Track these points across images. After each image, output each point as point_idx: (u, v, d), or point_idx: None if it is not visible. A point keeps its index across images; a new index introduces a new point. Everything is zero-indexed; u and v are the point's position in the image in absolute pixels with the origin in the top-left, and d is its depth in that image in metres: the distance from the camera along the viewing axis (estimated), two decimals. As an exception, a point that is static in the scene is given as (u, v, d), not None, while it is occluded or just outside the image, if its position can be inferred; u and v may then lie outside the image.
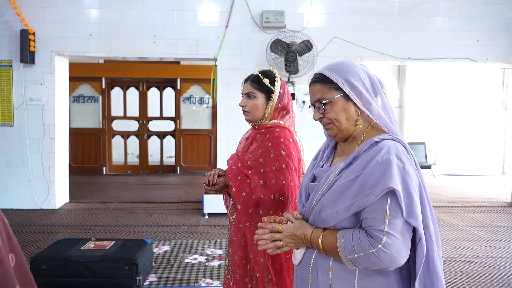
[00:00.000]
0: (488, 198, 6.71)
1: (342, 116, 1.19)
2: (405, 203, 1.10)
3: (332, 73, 1.20)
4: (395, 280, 1.18)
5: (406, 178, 1.11)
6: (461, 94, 9.16)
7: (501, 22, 5.81)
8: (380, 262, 1.08)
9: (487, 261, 3.82)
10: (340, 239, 1.13)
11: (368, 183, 1.10)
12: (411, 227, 1.12)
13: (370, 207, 1.10)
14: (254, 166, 1.66)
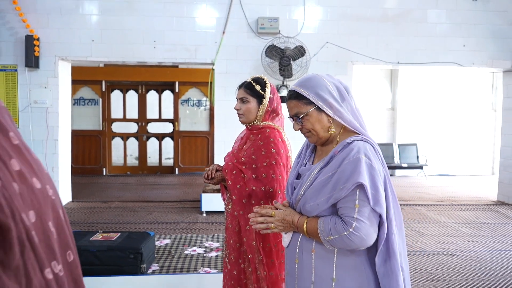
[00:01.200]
0: (476, 197, 6.96)
1: (317, 125, 1.40)
2: (372, 194, 1.32)
3: (303, 90, 1.41)
4: (366, 259, 1.40)
5: (373, 173, 1.34)
6: (452, 97, 9.43)
7: (487, 28, 6.08)
8: (351, 243, 1.31)
9: (468, 255, 4.06)
10: (320, 224, 1.36)
11: (342, 179, 1.33)
12: (378, 214, 1.35)
13: (343, 199, 1.33)
14: (248, 162, 1.89)
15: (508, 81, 6.47)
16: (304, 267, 1.41)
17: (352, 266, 1.37)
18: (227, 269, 1.93)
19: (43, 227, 0.77)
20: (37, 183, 0.75)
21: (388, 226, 1.36)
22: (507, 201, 6.42)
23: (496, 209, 6.04)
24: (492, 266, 3.77)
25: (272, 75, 5.64)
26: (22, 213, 0.70)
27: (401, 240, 1.44)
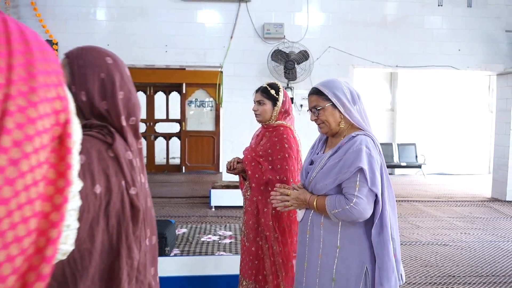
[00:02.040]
0: (471, 194, 7.28)
1: (330, 118, 1.72)
2: (370, 177, 1.65)
3: (324, 88, 1.74)
4: (364, 231, 1.72)
5: (371, 161, 1.66)
6: (450, 98, 9.76)
7: (481, 34, 6.41)
8: (352, 215, 1.63)
9: (460, 245, 4.39)
10: (327, 200, 1.68)
11: (346, 165, 1.66)
12: (374, 193, 1.67)
13: (347, 180, 1.66)
14: (264, 155, 2.22)
15: (501, 83, 6.80)
16: (314, 237, 1.74)
17: (353, 236, 1.70)
18: (246, 246, 2.26)
19: (149, 210, 1.13)
20: (143, 178, 1.10)
21: (382, 203, 1.68)
22: (500, 198, 6.74)
23: (489, 205, 6.37)
24: (481, 254, 4.10)
25: (277, 78, 5.98)
26: (143, 199, 1.06)
27: (393, 215, 1.76)
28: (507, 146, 6.61)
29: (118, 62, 1.11)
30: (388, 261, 1.65)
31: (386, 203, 1.70)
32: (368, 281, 1.68)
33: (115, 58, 1.11)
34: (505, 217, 5.65)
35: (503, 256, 4.07)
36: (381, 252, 1.66)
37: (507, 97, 6.62)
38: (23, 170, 0.49)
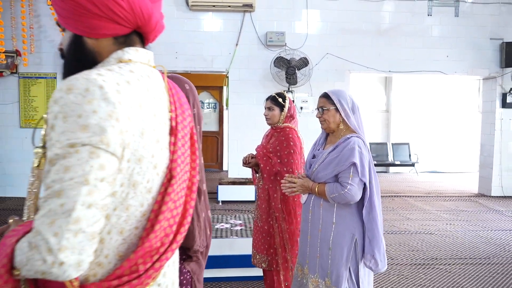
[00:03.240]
0: (460, 190, 7.79)
1: (331, 119, 2.21)
2: (360, 170, 2.13)
3: (332, 95, 2.23)
4: (356, 211, 2.21)
5: (362, 157, 2.15)
6: (442, 101, 10.28)
7: (467, 41, 6.91)
8: (345, 198, 2.11)
9: (444, 234, 4.90)
10: (327, 186, 2.17)
11: (342, 159, 2.14)
12: (363, 182, 2.16)
13: (343, 171, 2.15)
14: (274, 151, 2.70)
15: (487, 87, 7.31)
16: (315, 216, 2.24)
17: (345, 215, 2.19)
18: (259, 226, 2.75)
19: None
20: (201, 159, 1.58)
21: (370, 189, 2.17)
22: (486, 193, 7.25)
23: (475, 200, 6.88)
24: (462, 241, 4.61)
25: (279, 82, 6.47)
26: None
27: (378, 200, 2.25)
28: (492, 145, 7.12)
29: (192, 88, 1.59)
30: (377, 233, 2.14)
31: (373, 190, 2.19)
32: (358, 248, 2.18)
33: (190, 85, 1.59)
34: (489, 210, 6.15)
35: (481, 242, 4.58)
36: (371, 227, 2.15)
37: (492, 99, 7.13)
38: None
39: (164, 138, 0.94)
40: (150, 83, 0.95)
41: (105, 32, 0.93)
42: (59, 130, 0.77)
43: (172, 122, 0.98)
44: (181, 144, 0.98)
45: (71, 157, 0.76)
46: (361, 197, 2.16)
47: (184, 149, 0.99)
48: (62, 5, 0.91)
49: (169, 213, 0.92)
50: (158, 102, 0.95)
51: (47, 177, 0.77)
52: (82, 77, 0.81)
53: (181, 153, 0.97)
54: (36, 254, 0.75)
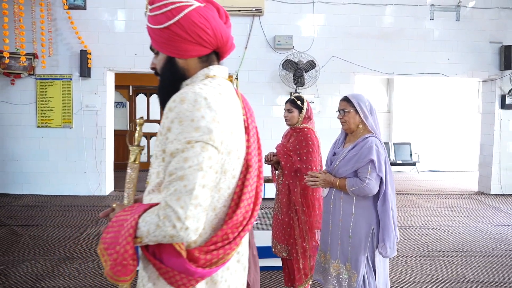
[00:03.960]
0: (460, 188, 8.06)
1: (351, 120, 2.46)
2: (377, 166, 2.38)
3: (352, 98, 2.48)
4: (372, 203, 2.46)
5: (379, 155, 2.40)
6: (442, 101, 10.54)
7: (468, 44, 7.17)
8: (364, 191, 2.36)
9: (446, 228, 5.15)
10: (347, 181, 2.41)
11: (361, 157, 2.39)
12: (380, 177, 2.40)
13: (362, 168, 2.39)
14: (294, 150, 2.95)
15: (486, 89, 7.57)
16: (336, 207, 2.49)
17: (364, 206, 2.44)
18: (279, 218, 3.00)
19: None
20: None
21: (385, 184, 2.42)
22: (485, 191, 7.51)
23: (475, 198, 7.14)
24: (463, 236, 4.87)
25: (287, 84, 6.72)
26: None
27: (392, 193, 2.50)
28: (491, 145, 7.38)
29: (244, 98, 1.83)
30: (388, 224, 2.40)
31: (388, 184, 2.44)
32: (374, 237, 2.43)
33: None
34: (488, 207, 6.41)
35: (481, 237, 4.84)
36: (383, 217, 2.41)
37: (491, 101, 7.39)
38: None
39: (243, 135, 1.20)
40: (231, 92, 1.21)
41: (192, 54, 1.19)
42: (177, 131, 1.02)
43: (245, 123, 1.23)
44: (252, 140, 1.23)
45: (188, 151, 1.01)
46: (378, 190, 2.42)
47: (254, 145, 1.24)
48: (160, 33, 1.16)
49: (247, 195, 1.17)
50: (237, 107, 1.20)
51: (169, 166, 1.03)
52: (190, 91, 1.06)
53: (253, 148, 1.23)
54: (167, 222, 1.00)
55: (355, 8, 6.94)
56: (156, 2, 1.18)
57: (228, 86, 1.22)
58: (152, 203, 1.11)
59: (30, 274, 3.53)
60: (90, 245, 4.31)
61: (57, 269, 3.65)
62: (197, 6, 1.16)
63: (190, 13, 1.14)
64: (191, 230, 1.01)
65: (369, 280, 2.46)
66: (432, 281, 3.54)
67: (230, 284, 1.21)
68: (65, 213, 5.69)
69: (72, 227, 4.97)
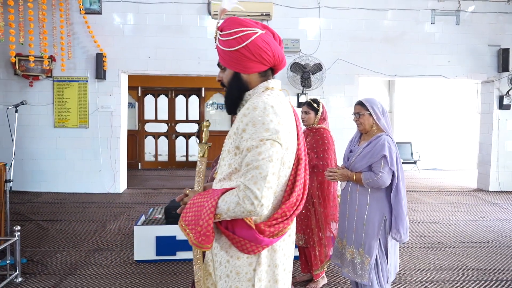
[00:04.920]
0: (460, 186, 8.36)
1: (366, 121, 2.75)
2: (389, 160, 2.68)
3: (366, 102, 2.77)
4: (385, 194, 2.75)
5: (391, 151, 2.70)
6: (442, 102, 10.84)
7: (467, 48, 7.48)
8: (378, 183, 2.65)
9: (448, 223, 5.46)
10: (363, 174, 2.71)
11: (375, 153, 2.69)
12: (392, 171, 2.70)
13: (375, 163, 2.69)
14: (311, 148, 3.24)
15: (485, 90, 7.88)
16: (353, 199, 2.79)
17: (377, 197, 2.74)
18: (298, 211, 3.31)
19: None
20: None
21: (397, 178, 2.72)
22: (484, 188, 7.82)
23: (474, 194, 7.45)
24: (464, 229, 5.17)
25: (294, 86, 7.02)
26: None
27: (403, 186, 2.79)
28: (490, 144, 7.69)
29: None
30: (402, 213, 2.69)
31: (399, 178, 2.74)
32: (386, 225, 2.72)
33: None
34: (487, 203, 6.72)
35: (481, 230, 5.15)
36: (397, 207, 2.70)
37: (490, 101, 7.70)
38: None
39: (295, 135, 1.49)
40: (286, 101, 1.50)
41: (254, 70, 1.48)
42: (251, 132, 1.32)
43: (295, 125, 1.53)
44: (301, 139, 1.53)
45: (261, 147, 1.31)
46: (390, 183, 2.72)
47: (302, 142, 1.54)
48: (231, 54, 1.46)
49: (299, 182, 1.46)
50: (290, 112, 1.50)
51: (246, 158, 1.32)
52: (260, 101, 1.36)
53: (302, 145, 1.52)
54: (246, 200, 1.29)
55: (359, 12, 7.24)
56: (226, 29, 1.47)
57: (283, 96, 1.52)
58: (225, 188, 1.40)
59: (65, 263, 3.82)
60: (115, 238, 4.60)
61: (89, 259, 3.94)
62: (260, 33, 1.46)
63: (256, 39, 1.44)
64: (265, 206, 1.31)
65: (382, 263, 2.75)
66: (436, 268, 3.84)
67: (285, 253, 1.51)
68: (85, 209, 5.97)
69: (95, 222, 5.26)
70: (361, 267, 2.75)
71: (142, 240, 3.83)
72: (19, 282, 3.37)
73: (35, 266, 3.73)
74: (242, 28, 1.45)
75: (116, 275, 3.59)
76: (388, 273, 2.78)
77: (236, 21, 1.48)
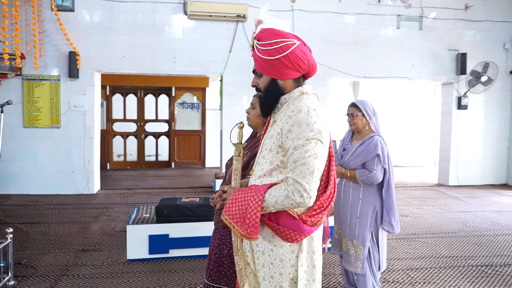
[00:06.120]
0: (422, 181, 8.89)
1: (359, 122, 2.97)
2: (382, 159, 2.91)
3: (359, 104, 2.98)
4: (377, 190, 2.97)
5: (383, 150, 2.93)
6: (402, 102, 11.42)
7: (429, 52, 7.97)
8: (371, 180, 2.87)
9: (416, 215, 5.84)
10: (357, 172, 2.92)
11: (369, 152, 2.91)
12: (383, 168, 2.93)
13: (369, 161, 2.91)
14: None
15: (445, 91, 8.43)
16: (346, 194, 3.00)
17: (369, 192, 2.96)
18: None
19: None
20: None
21: (388, 174, 2.95)
22: (445, 183, 8.37)
23: (436, 189, 7.96)
24: (433, 221, 5.56)
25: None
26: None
27: (393, 182, 3.04)
28: (449, 142, 8.25)
29: None
30: (393, 206, 2.94)
31: (390, 174, 2.98)
32: (378, 218, 2.96)
33: None
34: (449, 197, 7.22)
35: (447, 221, 5.56)
36: (388, 201, 2.94)
37: (449, 102, 8.25)
38: None
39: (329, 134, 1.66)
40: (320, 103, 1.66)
41: (290, 77, 1.63)
42: (297, 132, 1.47)
43: None
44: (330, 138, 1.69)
45: (308, 145, 1.46)
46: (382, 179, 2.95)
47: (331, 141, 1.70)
48: (270, 62, 1.60)
49: (332, 176, 1.63)
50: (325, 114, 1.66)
51: (293, 156, 1.47)
52: (304, 104, 1.51)
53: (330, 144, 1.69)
54: (296, 193, 1.44)
55: (331, 17, 7.53)
56: (265, 39, 1.61)
57: (317, 99, 1.68)
58: (269, 183, 1.54)
59: (56, 265, 3.79)
60: (101, 238, 4.59)
61: (79, 260, 3.93)
62: (298, 44, 1.60)
63: (294, 49, 1.59)
64: (312, 198, 1.47)
65: (374, 253, 2.99)
66: (413, 257, 4.15)
67: (319, 241, 1.67)
68: (61, 211, 5.86)
69: (75, 223, 5.19)
70: (356, 258, 2.96)
71: (135, 239, 3.86)
72: (12, 285, 3.32)
73: (25, 269, 3.67)
74: (282, 39, 1.60)
75: (110, 274, 3.62)
76: (380, 262, 3.02)
77: (274, 32, 1.63)
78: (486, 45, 8.13)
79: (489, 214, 5.98)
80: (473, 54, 7.99)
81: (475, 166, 8.33)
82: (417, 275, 3.71)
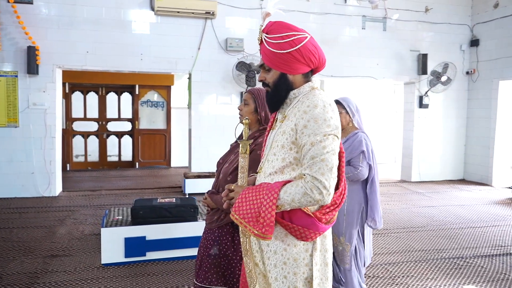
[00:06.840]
0: (385, 178, 9.16)
1: (343, 119, 2.98)
2: (367, 156, 2.94)
3: (342, 101, 2.99)
4: (362, 186, 3.00)
5: (367, 147, 2.96)
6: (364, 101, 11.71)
7: (392, 52, 8.22)
8: (357, 176, 2.90)
9: (385, 211, 6.00)
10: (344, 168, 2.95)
11: (354, 149, 2.93)
12: (368, 164, 2.97)
13: (354, 158, 2.93)
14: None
15: (407, 90, 8.73)
16: (332, 191, 3.01)
17: (355, 189, 2.99)
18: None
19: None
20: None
21: (373, 171, 3.00)
22: (407, 180, 8.67)
23: (400, 185, 8.23)
24: (401, 216, 5.74)
25: (239, 84, 7.15)
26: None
27: (377, 179, 3.08)
28: (411, 139, 8.55)
29: None
30: (376, 203, 2.98)
31: (376, 171, 3.02)
32: (363, 214, 2.99)
33: None
34: (413, 192, 7.49)
35: (415, 216, 5.75)
36: (372, 197, 2.98)
37: (411, 101, 8.55)
38: None
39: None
40: None
41: (300, 72, 1.59)
42: (313, 128, 1.43)
43: None
44: None
45: (325, 141, 1.43)
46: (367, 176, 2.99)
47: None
48: (281, 56, 1.55)
49: (342, 173, 1.61)
50: None
51: (310, 152, 1.43)
52: (319, 99, 1.47)
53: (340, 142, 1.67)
54: (315, 190, 1.40)
55: (299, 16, 7.58)
56: (275, 32, 1.56)
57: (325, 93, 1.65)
58: (281, 181, 1.50)
59: (24, 272, 3.55)
60: (70, 243, 4.36)
61: (48, 266, 3.70)
62: (309, 37, 1.57)
63: (307, 43, 1.55)
64: (331, 195, 1.44)
65: (360, 249, 3.02)
66: (388, 252, 4.25)
67: (331, 238, 1.65)
68: (21, 214, 5.52)
69: (40, 228, 4.90)
70: (343, 254, 2.98)
71: (110, 243, 3.70)
72: (-24, 296, 3.08)
73: (-11, 278, 3.42)
74: (294, 32, 1.56)
75: (84, 280, 3.44)
76: (365, 257, 3.06)
77: (285, 25, 1.58)
78: (445, 47, 8.50)
79: (452, 208, 6.25)
80: (433, 55, 8.32)
81: (435, 162, 8.69)
82: (395, 269, 3.80)
